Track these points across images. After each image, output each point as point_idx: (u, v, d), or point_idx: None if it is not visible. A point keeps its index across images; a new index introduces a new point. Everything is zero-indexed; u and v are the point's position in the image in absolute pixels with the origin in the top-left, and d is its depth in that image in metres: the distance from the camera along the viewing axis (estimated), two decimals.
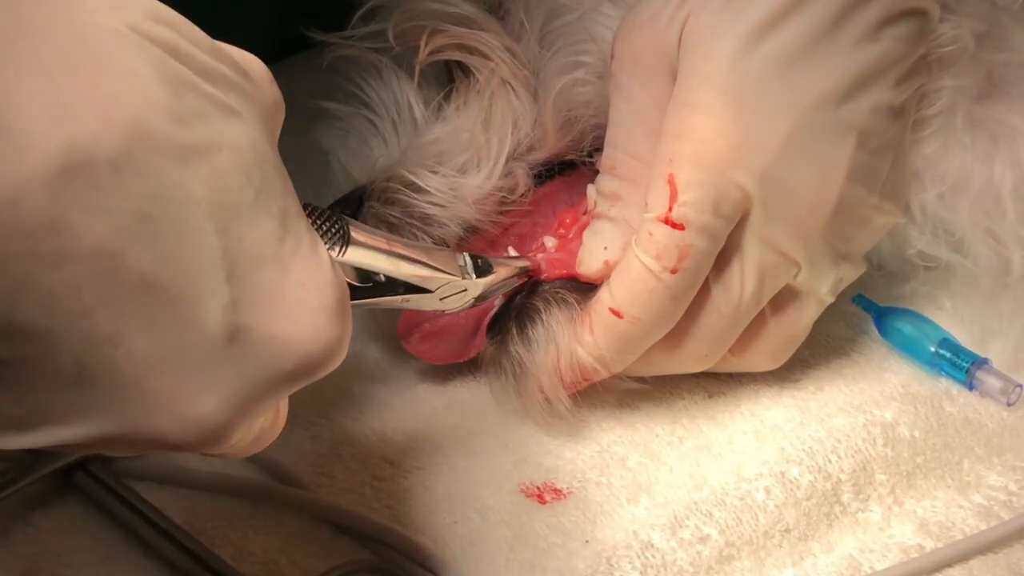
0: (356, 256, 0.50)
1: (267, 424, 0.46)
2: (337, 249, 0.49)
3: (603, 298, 0.60)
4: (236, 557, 0.56)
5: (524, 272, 0.62)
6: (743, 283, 0.60)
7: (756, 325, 0.62)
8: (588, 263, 0.62)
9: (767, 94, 0.57)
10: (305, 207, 0.47)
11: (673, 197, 0.57)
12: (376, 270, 0.52)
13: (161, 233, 0.39)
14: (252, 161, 0.41)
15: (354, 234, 0.50)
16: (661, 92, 0.59)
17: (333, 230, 0.49)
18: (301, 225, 0.43)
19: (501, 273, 0.59)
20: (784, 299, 0.62)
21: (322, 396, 0.66)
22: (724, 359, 0.63)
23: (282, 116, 0.46)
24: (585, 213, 0.65)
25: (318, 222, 0.48)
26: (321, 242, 0.44)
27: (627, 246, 0.60)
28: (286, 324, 0.42)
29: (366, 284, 0.52)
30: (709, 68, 0.57)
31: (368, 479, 0.61)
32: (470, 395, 0.66)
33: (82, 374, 0.40)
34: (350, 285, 0.50)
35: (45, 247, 0.38)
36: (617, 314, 0.59)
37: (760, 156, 0.57)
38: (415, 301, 0.55)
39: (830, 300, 0.64)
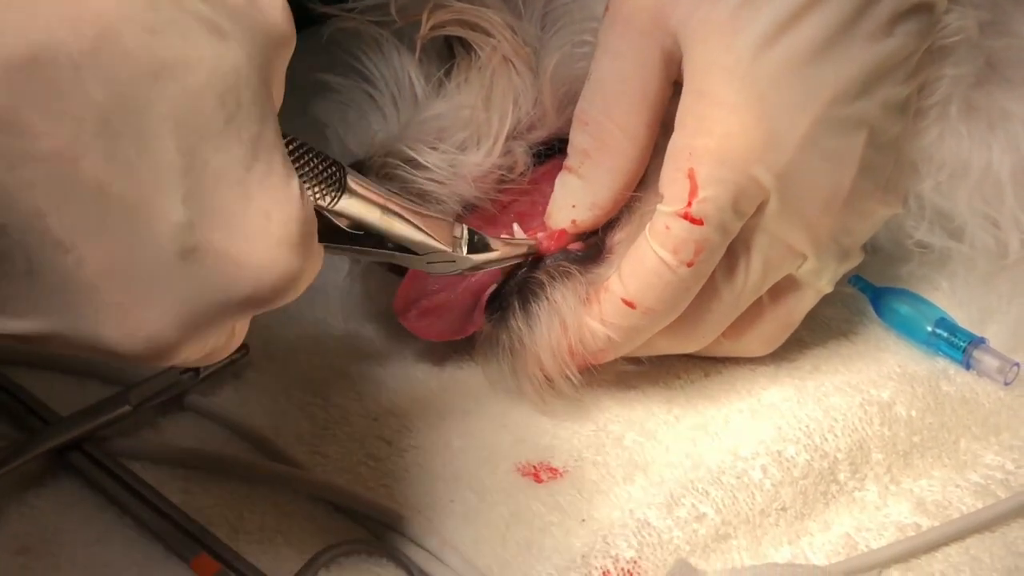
0: (349, 206, 0.49)
1: (219, 343, 0.46)
2: (331, 196, 0.49)
3: (614, 288, 0.59)
4: (232, 536, 0.56)
5: (527, 255, 0.62)
6: (748, 273, 0.60)
7: (753, 311, 0.62)
8: (556, 218, 0.62)
9: (788, 90, 0.57)
10: (308, 149, 0.46)
11: (693, 192, 0.56)
12: (367, 224, 0.51)
13: (120, 143, 0.39)
14: (229, 85, 0.41)
15: (351, 184, 0.49)
16: (649, 61, 0.59)
17: (330, 176, 0.48)
18: (276, 156, 0.43)
19: (498, 253, 0.59)
20: (783, 288, 0.63)
21: (318, 375, 0.66)
22: (717, 343, 0.63)
23: (290, 51, 0.45)
24: None
25: (315, 164, 0.48)
26: (296, 177, 0.44)
27: (595, 208, 0.61)
28: (243, 250, 0.42)
29: (356, 232, 0.52)
30: (729, 62, 0.56)
31: (364, 458, 0.61)
32: (467, 374, 0.66)
33: (32, 273, 0.40)
34: (340, 230, 0.50)
35: (4, 144, 0.38)
36: (630, 304, 0.59)
37: (781, 153, 0.57)
38: (401, 258, 0.55)
39: (828, 290, 0.64)
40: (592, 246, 0.63)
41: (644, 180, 0.62)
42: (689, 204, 0.57)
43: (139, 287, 0.41)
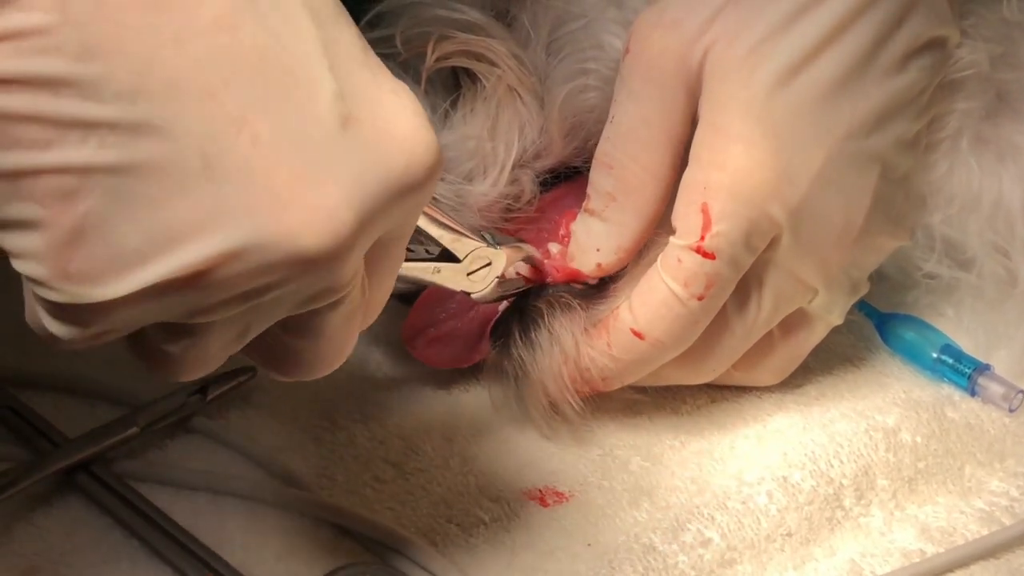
0: None
1: (357, 297, 0.44)
2: None
3: (624, 317, 0.60)
4: (238, 558, 0.56)
5: (531, 260, 0.62)
6: (759, 307, 0.60)
7: (763, 344, 0.63)
8: (582, 262, 0.62)
9: (803, 127, 0.57)
10: None
11: (706, 227, 0.57)
12: (419, 229, 0.51)
13: (268, 12, 0.39)
14: None
15: None
16: (674, 103, 0.59)
17: None
18: (374, 54, 0.43)
19: (512, 255, 0.60)
20: (794, 321, 0.63)
21: (324, 399, 0.66)
22: (727, 373, 0.63)
23: None
24: None
25: None
26: None
27: (620, 251, 0.61)
28: (390, 122, 0.41)
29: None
30: (746, 98, 0.57)
31: (370, 481, 0.61)
32: (473, 398, 0.66)
33: (208, 170, 0.38)
34: None
35: (164, 21, 0.37)
36: (639, 336, 0.59)
37: (795, 189, 0.57)
38: (445, 273, 0.55)
39: (839, 322, 0.64)
40: (595, 285, 0.63)
41: None
42: (702, 238, 0.57)
43: (313, 160, 0.39)
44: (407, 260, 0.53)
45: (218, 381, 0.64)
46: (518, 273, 0.61)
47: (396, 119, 0.41)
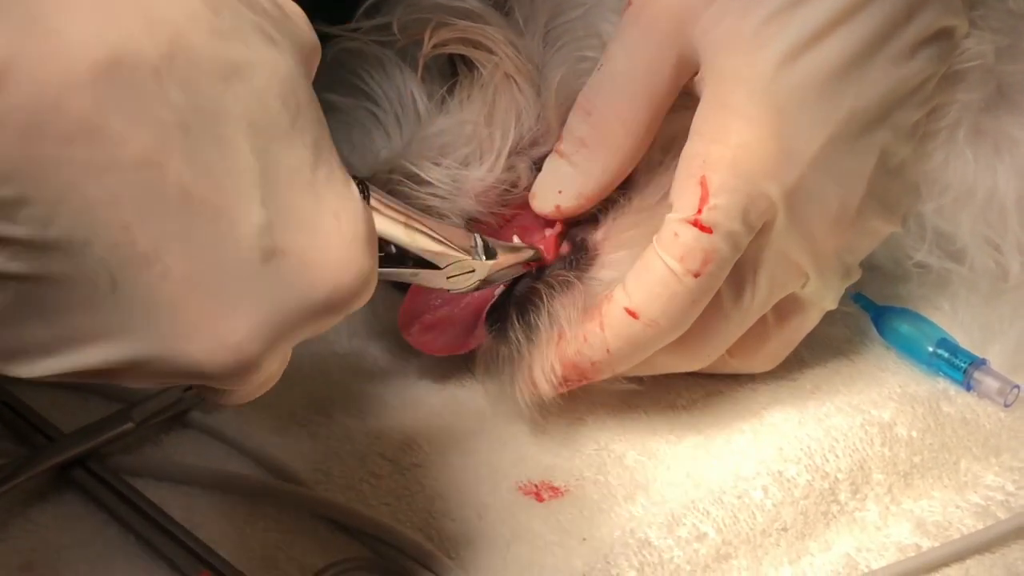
0: (375, 223, 0.50)
1: (276, 367, 0.45)
2: None
3: (618, 297, 0.59)
4: (234, 553, 0.56)
5: (532, 260, 0.62)
6: (754, 292, 0.60)
7: (757, 329, 0.63)
8: (542, 200, 0.63)
9: (806, 107, 0.57)
10: None
11: (704, 199, 0.57)
12: (390, 239, 0.51)
13: (201, 147, 0.39)
14: (289, 88, 0.41)
15: (374, 200, 0.49)
16: (664, 64, 0.59)
17: None
18: (333, 158, 0.43)
19: (506, 259, 0.59)
20: (788, 306, 0.63)
21: (320, 394, 0.66)
22: (721, 360, 0.63)
23: (317, 60, 0.45)
24: None
25: None
26: (350, 177, 0.44)
27: (581, 197, 0.61)
28: (320, 251, 0.41)
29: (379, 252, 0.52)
30: (751, 75, 0.56)
31: (366, 476, 0.61)
32: (468, 393, 0.67)
33: (116, 292, 0.39)
34: None
35: (86, 154, 0.37)
36: (633, 315, 0.58)
37: (793, 169, 0.57)
38: (424, 276, 0.55)
39: (832, 307, 0.64)
40: (578, 247, 0.63)
41: (629, 180, 0.62)
42: (699, 211, 0.57)
43: (224, 295, 0.40)
44: (384, 267, 0.53)
45: None
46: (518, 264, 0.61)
47: (328, 245, 0.41)
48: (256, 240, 0.40)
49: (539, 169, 0.65)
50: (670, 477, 0.61)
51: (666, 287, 0.58)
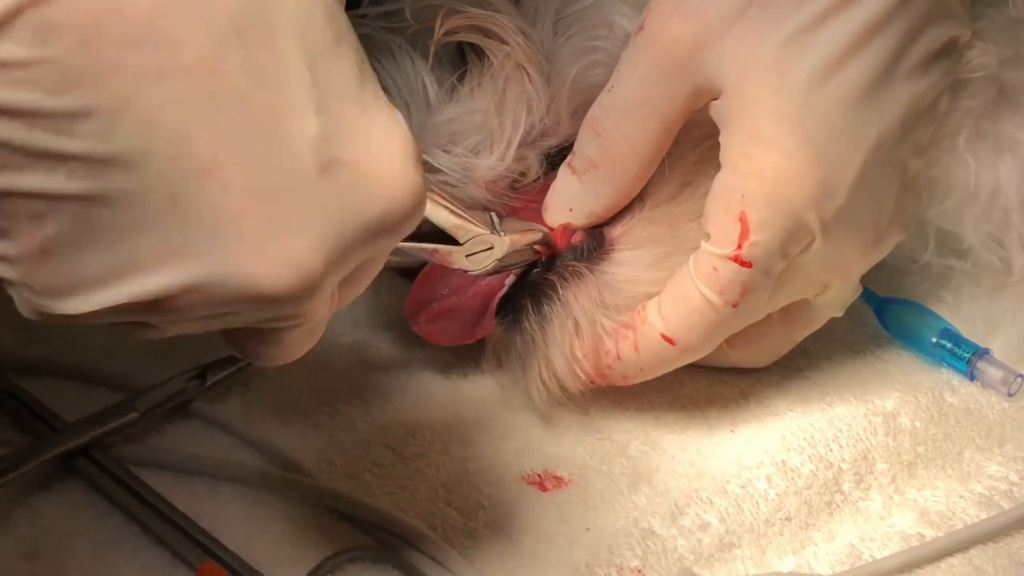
0: None
1: (327, 305, 0.44)
2: None
3: (654, 322, 0.59)
4: (237, 543, 0.56)
5: (542, 243, 0.62)
6: (771, 303, 0.60)
7: (761, 326, 0.62)
8: (551, 213, 0.63)
9: (837, 134, 0.56)
10: None
11: (744, 235, 0.56)
12: None
13: (256, 54, 0.38)
14: (331, 10, 0.41)
15: None
16: (678, 93, 0.58)
17: None
18: (376, 83, 0.42)
19: (521, 238, 0.60)
20: (797, 309, 0.63)
21: (324, 384, 0.66)
22: (720, 352, 0.63)
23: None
24: None
25: None
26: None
27: (592, 216, 0.61)
28: (375, 164, 0.41)
29: None
30: (778, 103, 0.56)
31: (369, 466, 0.61)
32: (472, 383, 0.66)
33: (175, 210, 0.38)
34: None
35: (147, 59, 0.37)
36: (670, 341, 0.59)
37: (833, 199, 0.57)
38: (442, 253, 0.55)
39: (838, 315, 0.64)
40: (594, 238, 0.63)
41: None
42: (739, 247, 0.57)
43: (285, 209, 0.39)
44: (405, 249, 0.52)
45: (217, 366, 0.64)
46: (528, 245, 0.62)
47: (381, 160, 0.41)
48: (314, 150, 0.39)
49: (548, 160, 0.65)
50: (674, 467, 0.61)
51: (704, 317, 0.58)
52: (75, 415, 0.61)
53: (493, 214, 0.58)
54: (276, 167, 0.39)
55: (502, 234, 0.57)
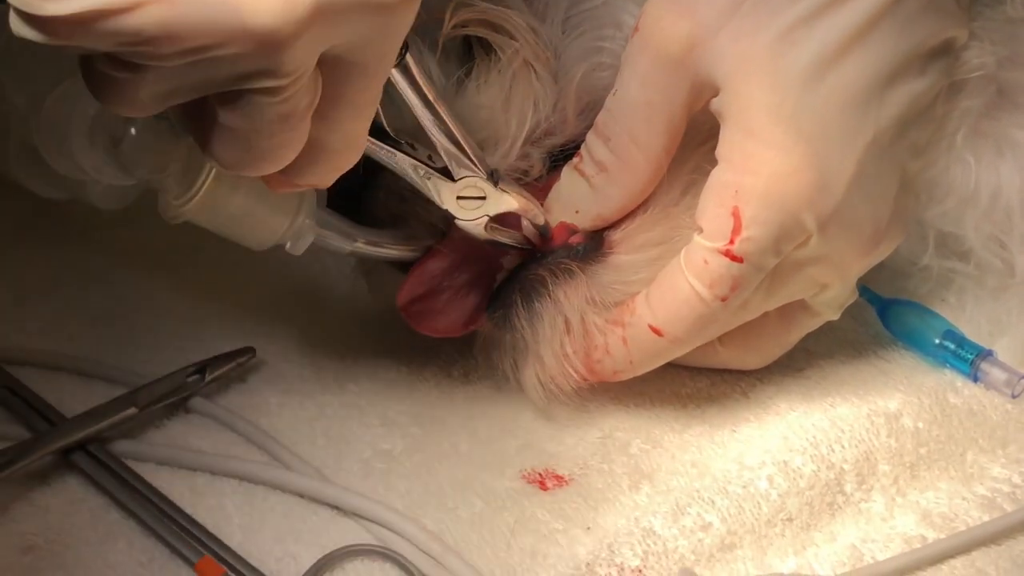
0: (404, 78, 0.50)
1: (302, 101, 0.44)
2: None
3: (642, 313, 0.60)
4: (236, 539, 0.56)
5: (539, 230, 0.62)
6: (768, 294, 0.60)
7: (755, 325, 0.62)
8: (556, 213, 0.63)
9: (834, 131, 0.56)
10: None
11: (736, 231, 0.56)
12: (413, 106, 0.52)
13: None
14: None
15: (410, 61, 0.50)
16: (679, 91, 0.58)
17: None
18: None
19: (516, 200, 0.60)
20: (793, 310, 0.63)
21: (325, 380, 0.66)
22: (714, 351, 0.63)
23: None
24: None
25: None
26: None
27: (599, 219, 0.61)
28: None
29: (397, 140, 0.51)
30: (774, 100, 0.56)
31: (369, 463, 0.60)
32: (473, 380, 0.67)
33: None
34: (381, 129, 0.50)
35: None
36: (658, 332, 0.59)
37: (830, 198, 0.57)
38: (434, 184, 0.54)
39: (834, 318, 0.64)
40: (594, 238, 0.63)
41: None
42: (731, 242, 0.57)
43: None
44: (400, 149, 0.52)
45: (217, 362, 0.64)
46: (522, 233, 0.62)
47: None
48: None
49: (552, 159, 0.65)
50: (675, 466, 0.61)
51: (692, 309, 0.58)
52: (74, 410, 0.61)
53: (497, 171, 0.57)
54: None
55: (503, 191, 0.57)
